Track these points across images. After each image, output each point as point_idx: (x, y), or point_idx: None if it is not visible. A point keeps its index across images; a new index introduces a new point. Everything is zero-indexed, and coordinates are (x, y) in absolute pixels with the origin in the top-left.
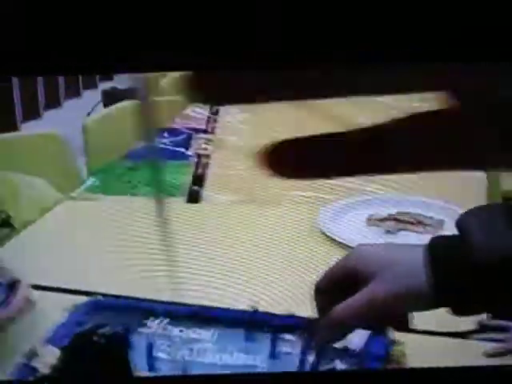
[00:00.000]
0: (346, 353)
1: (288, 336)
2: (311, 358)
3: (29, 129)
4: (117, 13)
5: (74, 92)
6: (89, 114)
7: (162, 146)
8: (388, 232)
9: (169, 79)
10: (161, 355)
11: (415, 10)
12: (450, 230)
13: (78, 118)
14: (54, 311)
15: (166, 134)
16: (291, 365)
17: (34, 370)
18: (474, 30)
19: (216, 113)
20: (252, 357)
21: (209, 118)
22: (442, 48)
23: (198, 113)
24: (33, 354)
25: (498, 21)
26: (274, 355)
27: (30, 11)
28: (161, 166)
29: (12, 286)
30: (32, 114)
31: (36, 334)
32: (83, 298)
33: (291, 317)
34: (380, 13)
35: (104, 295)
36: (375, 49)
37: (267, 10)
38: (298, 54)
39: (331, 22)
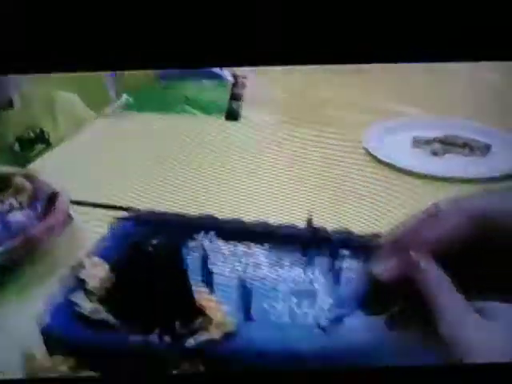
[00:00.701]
0: None
1: (345, 251)
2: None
3: None
4: (117, 12)
5: None
6: None
7: None
8: (434, 154)
9: None
10: (214, 269)
11: (415, 10)
12: (497, 154)
13: None
14: (93, 226)
15: None
16: (350, 280)
17: (83, 281)
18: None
19: None
20: (310, 270)
21: None
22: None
23: None
24: (80, 267)
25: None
26: (332, 270)
27: (30, 11)
28: (196, 84)
29: (51, 199)
30: None
31: (78, 248)
32: (124, 213)
33: (347, 232)
34: (380, 14)
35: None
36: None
37: (267, 10)
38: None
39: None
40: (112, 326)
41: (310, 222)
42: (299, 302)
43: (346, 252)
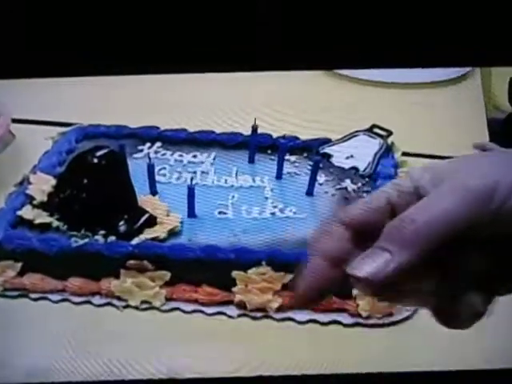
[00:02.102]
0: (355, 173)
1: (293, 157)
2: (320, 178)
3: None
4: (118, 15)
5: None
6: None
7: None
8: None
9: None
10: (162, 179)
11: (415, 14)
12: None
13: None
14: (37, 143)
15: None
16: (298, 185)
17: (30, 197)
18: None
19: None
20: (258, 178)
21: None
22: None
23: None
24: (25, 183)
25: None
26: (280, 176)
27: (30, 14)
28: None
29: None
30: None
31: (22, 166)
32: (67, 128)
33: (295, 139)
34: (380, 16)
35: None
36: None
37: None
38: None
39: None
40: (56, 229)
41: (255, 129)
42: (243, 197)
43: (292, 157)
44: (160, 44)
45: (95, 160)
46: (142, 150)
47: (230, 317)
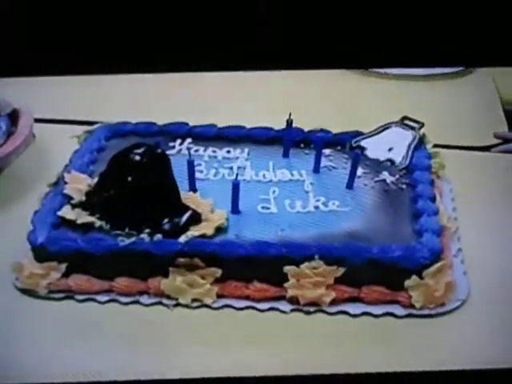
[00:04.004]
0: (391, 165)
1: (327, 151)
2: (358, 171)
3: None
4: (119, 13)
5: None
6: None
7: None
8: None
9: None
10: (199, 175)
11: (415, 13)
12: None
13: None
14: (62, 142)
15: None
16: (337, 178)
17: (68, 197)
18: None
19: None
20: (296, 172)
21: None
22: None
23: None
24: (61, 182)
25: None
26: (318, 170)
27: (30, 12)
28: None
29: (13, 116)
30: None
31: (45, 165)
32: (92, 127)
33: (327, 132)
34: (381, 15)
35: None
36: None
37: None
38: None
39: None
40: (99, 228)
41: (290, 123)
42: (284, 192)
43: (327, 151)
44: (159, 43)
45: (137, 157)
46: (173, 147)
47: (283, 312)
